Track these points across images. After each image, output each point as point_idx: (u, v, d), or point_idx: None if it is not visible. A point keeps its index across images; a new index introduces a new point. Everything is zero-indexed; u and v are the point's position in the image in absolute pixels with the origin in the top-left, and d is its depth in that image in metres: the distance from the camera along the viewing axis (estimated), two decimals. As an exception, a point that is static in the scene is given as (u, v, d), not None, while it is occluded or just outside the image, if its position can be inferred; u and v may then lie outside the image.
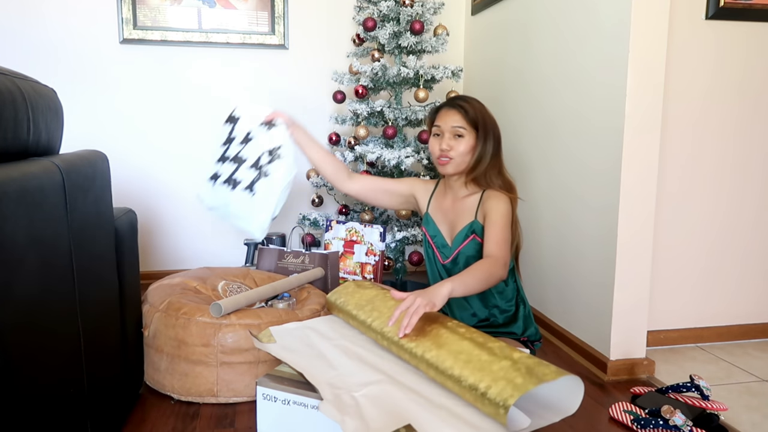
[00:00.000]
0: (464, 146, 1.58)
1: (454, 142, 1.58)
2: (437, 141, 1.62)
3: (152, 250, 2.65)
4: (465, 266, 1.61)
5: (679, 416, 1.33)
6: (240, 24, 2.59)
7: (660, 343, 1.97)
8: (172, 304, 1.54)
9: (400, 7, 2.18)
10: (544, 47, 2.07)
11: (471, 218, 1.61)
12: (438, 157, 1.61)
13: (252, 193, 1.55)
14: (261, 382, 1.25)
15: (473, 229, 1.60)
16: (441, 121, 1.61)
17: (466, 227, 1.61)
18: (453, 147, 1.58)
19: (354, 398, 1.14)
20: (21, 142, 0.97)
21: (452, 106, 1.61)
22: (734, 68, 1.92)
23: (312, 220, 2.42)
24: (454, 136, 1.59)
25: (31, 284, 0.88)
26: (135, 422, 1.40)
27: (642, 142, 1.64)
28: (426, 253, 1.75)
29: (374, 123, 2.32)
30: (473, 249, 1.60)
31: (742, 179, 1.99)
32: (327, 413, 1.09)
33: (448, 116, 1.60)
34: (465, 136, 1.58)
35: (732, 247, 2.01)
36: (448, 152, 1.58)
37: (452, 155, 1.58)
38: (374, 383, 1.20)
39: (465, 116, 1.58)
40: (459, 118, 1.58)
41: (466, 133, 1.58)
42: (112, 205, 1.29)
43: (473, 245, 1.60)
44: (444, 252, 1.67)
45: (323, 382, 1.19)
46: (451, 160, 1.59)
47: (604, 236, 1.72)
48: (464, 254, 1.62)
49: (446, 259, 1.67)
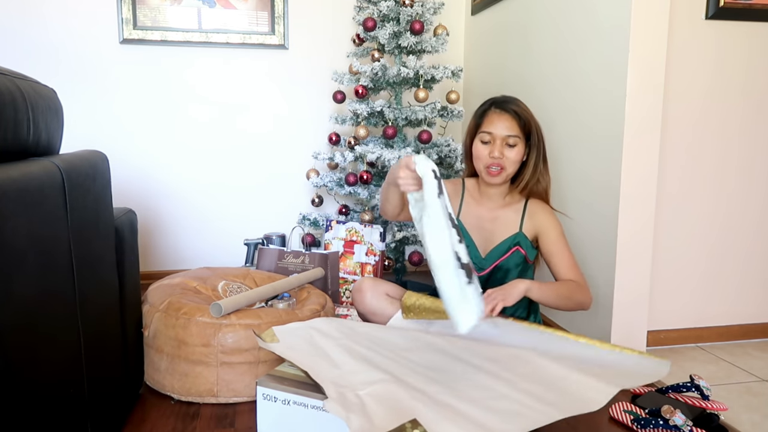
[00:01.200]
0: (516, 155, 1.48)
1: (507, 150, 1.48)
2: (486, 148, 1.49)
3: (152, 250, 2.65)
4: (505, 280, 1.53)
5: (679, 416, 1.33)
6: (240, 24, 2.59)
7: (660, 343, 1.97)
8: (172, 304, 1.54)
9: (400, 7, 2.18)
10: (544, 47, 2.07)
11: (515, 230, 1.53)
12: (488, 166, 1.50)
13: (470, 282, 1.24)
14: (261, 382, 1.25)
15: (517, 241, 1.52)
16: (492, 127, 1.49)
17: (509, 239, 1.53)
18: (505, 155, 1.48)
19: (358, 396, 1.14)
20: (21, 142, 0.97)
21: (504, 110, 1.49)
22: (734, 68, 1.92)
23: (312, 220, 2.42)
24: (507, 145, 1.48)
25: (31, 284, 0.88)
26: (135, 422, 1.40)
27: (642, 142, 1.64)
28: None
29: (374, 123, 2.32)
30: (515, 262, 1.53)
31: (741, 179, 1.99)
32: (332, 411, 1.08)
33: (500, 122, 1.48)
34: (518, 144, 1.48)
35: (732, 248, 2.01)
36: (500, 160, 1.48)
37: (504, 163, 1.48)
38: (378, 382, 1.20)
39: (518, 122, 1.48)
40: (512, 126, 1.47)
41: (518, 141, 1.48)
42: (112, 205, 1.29)
43: (516, 258, 1.53)
44: (477, 264, 1.57)
45: (327, 381, 1.19)
46: (503, 170, 1.49)
47: (604, 236, 1.72)
48: (503, 267, 1.55)
49: (480, 271, 1.57)
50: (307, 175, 2.43)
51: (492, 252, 1.56)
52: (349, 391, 1.16)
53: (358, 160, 2.28)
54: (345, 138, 2.43)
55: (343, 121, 2.39)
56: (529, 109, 1.53)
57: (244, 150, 2.69)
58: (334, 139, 2.46)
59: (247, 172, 2.71)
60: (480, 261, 1.58)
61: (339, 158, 2.31)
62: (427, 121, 2.25)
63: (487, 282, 1.59)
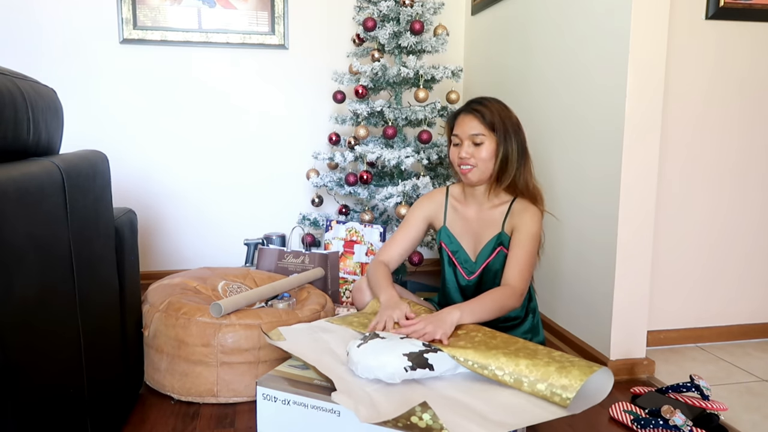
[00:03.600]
0: (485, 152, 1.51)
1: (474, 149, 1.51)
2: (456, 150, 1.54)
3: (152, 250, 2.65)
4: (493, 282, 1.55)
5: (679, 416, 1.33)
6: (240, 24, 2.59)
7: (660, 343, 1.97)
8: (172, 304, 1.54)
9: (400, 7, 2.18)
10: (544, 47, 2.07)
11: (497, 229, 1.54)
12: (458, 166, 1.54)
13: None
14: (261, 382, 1.25)
15: (500, 241, 1.53)
16: (459, 129, 1.54)
17: (493, 239, 1.54)
18: (472, 154, 1.51)
19: (365, 392, 1.15)
20: (21, 142, 0.97)
21: (468, 112, 1.54)
22: (734, 68, 1.92)
23: (312, 220, 2.42)
24: (473, 144, 1.52)
25: (31, 284, 0.88)
26: (135, 422, 1.40)
27: (642, 142, 1.64)
28: (445, 272, 1.65)
29: (374, 123, 2.32)
30: (501, 262, 1.54)
31: (742, 179, 1.98)
32: (340, 402, 1.09)
33: (465, 123, 1.53)
34: (485, 142, 1.51)
35: (732, 247, 2.01)
36: (468, 160, 1.51)
37: (473, 162, 1.51)
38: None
39: (482, 121, 1.51)
40: (476, 124, 1.51)
41: (485, 139, 1.51)
42: (112, 205, 1.29)
43: (501, 258, 1.54)
44: (468, 268, 1.59)
45: (335, 374, 1.20)
46: (474, 167, 1.52)
47: (604, 236, 1.72)
48: (492, 269, 1.56)
49: (471, 275, 1.59)
50: (307, 175, 2.43)
51: (480, 254, 1.57)
52: (356, 386, 1.17)
53: (358, 160, 2.28)
54: (345, 138, 2.43)
55: (343, 121, 2.39)
56: (506, 106, 1.56)
57: (244, 150, 2.69)
58: (334, 139, 2.46)
59: (247, 172, 2.71)
60: (471, 265, 1.59)
61: (339, 158, 2.31)
62: (427, 121, 2.25)
63: (478, 284, 1.59)
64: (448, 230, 1.61)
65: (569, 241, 1.92)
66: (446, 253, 1.63)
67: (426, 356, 1.23)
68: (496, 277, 1.55)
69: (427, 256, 2.82)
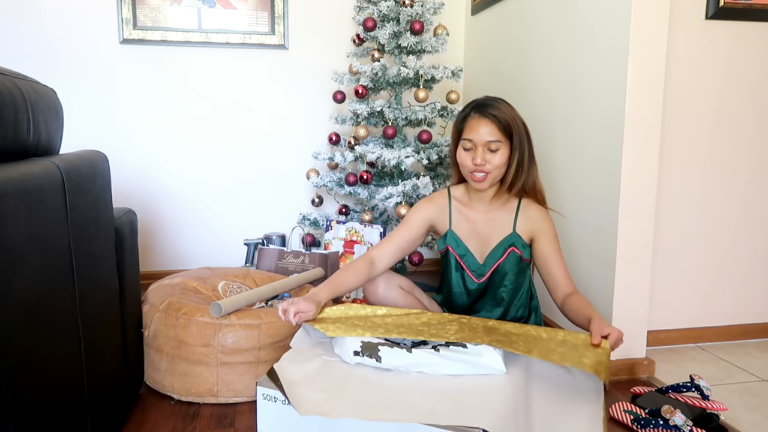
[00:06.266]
0: (500, 159, 1.46)
1: (490, 155, 1.46)
2: (469, 155, 1.47)
3: (152, 250, 2.65)
4: (504, 282, 1.54)
5: (679, 416, 1.33)
6: (240, 24, 2.59)
7: (660, 343, 1.97)
8: (172, 304, 1.54)
9: (400, 7, 2.18)
10: (544, 47, 2.07)
11: (508, 230, 1.51)
12: (471, 172, 1.48)
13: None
14: (261, 382, 1.24)
15: (512, 242, 1.51)
16: (472, 134, 1.46)
17: (504, 240, 1.51)
18: (488, 161, 1.46)
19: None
20: (21, 142, 0.97)
21: (483, 115, 1.46)
22: (734, 68, 1.92)
23: (312, 220, 2.42)
24: (489, 150, 1.45)
25: (31, 284, 0.88)
26: (135, 422, 1.40)
27: (642, 141, 1.64)
28: (451, 276, 1.59)
29: (374, 123, 2.32)
30: (511, 264, 1.52)
31: (742, 179, 1.98)
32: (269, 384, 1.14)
33: (479, 128, 1.45)
34: (500, 148, 1.46)
35: (732, 247, 2.01)
36: (483, 167, 1.46)
37: (488, 169, 1.46)
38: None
39: (498, 126, 1.44)
40: (493, 130, 1.44)
41: (501, 146, 1.45)
42: (112, 205, 1.29)
43: (512, 259, 1.51)
44: (477, 271, 1.55)
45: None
46: (488, 174, 1.46)
47: (604, 236, 1.72)
48: (501, 271, 1.53)
49: (481, 277, 1.55)
50: (307, 175, 2.43)
51: (489, 256, 1.54)
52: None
53: (358, 160, 2.28)
54: (345, 138, 2.43)
55: (343, 121, 2.40)
56: (513, 107, 1.51)
57: (244, 150, 2.69)
58: (334, 139, 2.46)
59: (247, 172, 2.71)
60: (479, 267, 1.55)
61: (339, 158, 2.31)
62: (427, 121, 2.25)
63: (487, 287, 1.57)
64: (455, 234, 1.57)
65: (569, 241, 1.92)
66: (453, 257, 1.57)
67: (380, 348, 1.24)
68: (505, 279, 1.54)
69: (427, 256, 2.82)
